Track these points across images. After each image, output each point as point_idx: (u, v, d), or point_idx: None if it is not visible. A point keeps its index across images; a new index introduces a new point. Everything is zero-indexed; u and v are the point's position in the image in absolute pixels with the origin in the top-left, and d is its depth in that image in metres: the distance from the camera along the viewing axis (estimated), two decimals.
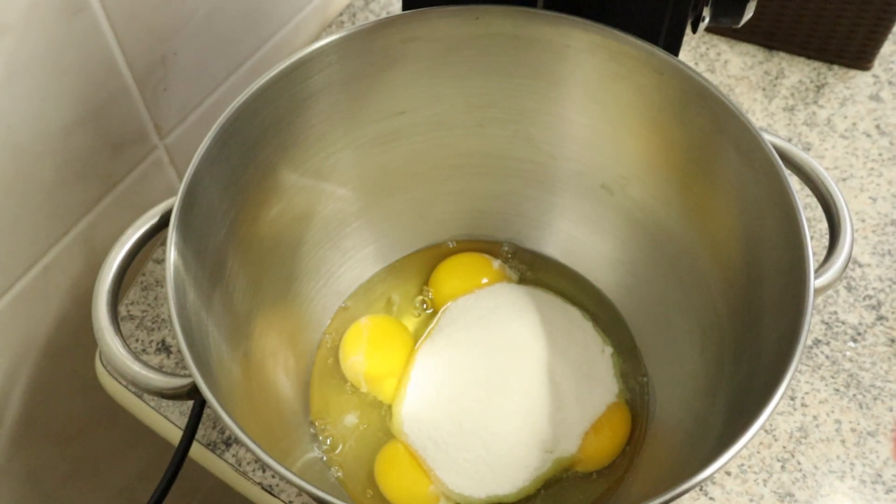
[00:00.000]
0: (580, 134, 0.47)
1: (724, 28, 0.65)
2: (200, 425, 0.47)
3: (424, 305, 0.52)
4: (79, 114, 0.46)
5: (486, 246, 0.54)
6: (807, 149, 0.60)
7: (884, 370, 0.50)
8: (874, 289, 0.54)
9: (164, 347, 0.52)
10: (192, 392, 0.36)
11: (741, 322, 0.41)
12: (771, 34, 0.64)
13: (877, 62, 0.64)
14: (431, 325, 0.50)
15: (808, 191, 0.42)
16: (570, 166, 0.49)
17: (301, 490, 0.32)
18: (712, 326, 0.44)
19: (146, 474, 0.68)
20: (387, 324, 0.50)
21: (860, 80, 0.63)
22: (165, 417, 0.50)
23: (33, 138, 0.44)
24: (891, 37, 0.64)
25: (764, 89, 0.63)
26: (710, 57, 0.65)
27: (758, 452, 0.48)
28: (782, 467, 0.48)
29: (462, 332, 0.49)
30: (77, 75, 0.45)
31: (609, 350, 0.49)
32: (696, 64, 0.65)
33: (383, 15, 0.65)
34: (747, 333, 0.40)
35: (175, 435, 0.49)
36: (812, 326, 0.52)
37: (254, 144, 0.42)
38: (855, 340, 0.52)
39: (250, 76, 0.58)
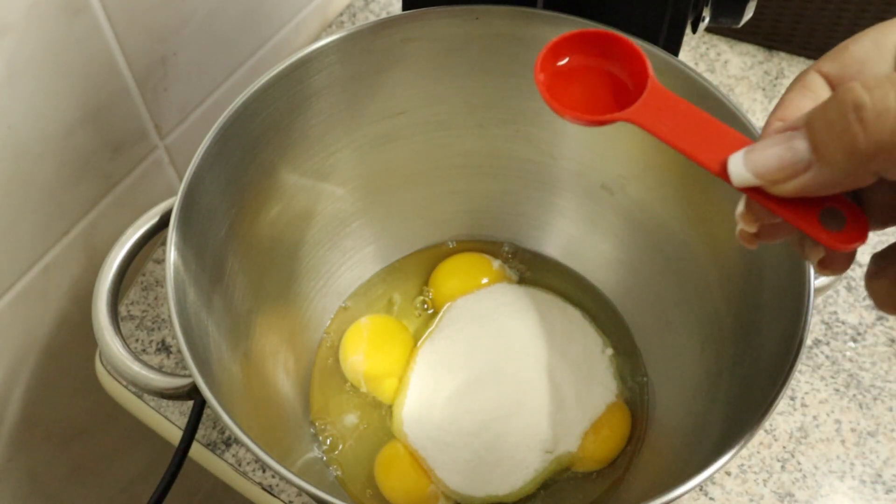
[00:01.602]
0: (580, 134, 0.47)
1: (724, 28, 0.65)
2: (200, 425, 0.47)
3: (425, 306, 0.52)
4: (79, 114, 0.46)
5: (486, 246, 0.54)
6: None
7: (884, 370, 0.50)
8: None
9: (164, 347, 0.52)
10: (192, 392, 0.36)
11: (741, 322, 0.41)
12: (771, 34, 0.64)
13: None
14: (432, 327, 0.50)
15: None
16: (570, 166, 0.49)
17: (301, 490, 0.32)
18: (712, 326, 0.44)
19: (146, 474, 0.68)
20: (387, 324, 0.50)
21: None
22: (165, 417, 0.50)
23: (34, 138, 0.44)
24: None
25: (764, 89, 0.63)
26: (710, 57, 0.65)
27: (758, 452, 0.48)
28: (782, 467, 0.48)
29: (462, 332, 0.49)
30: (77, 76, 0.45)
31: (609, 350, 0.49)
32: (696, 64, 0.65)
33: (383, 15, 0.65)
34: (747, 333, 0.40)
35: (175, 435, 0.49)
36: (812, 326, 0.52)
37: (254, 144, 0.42)
38: (855, 340, 0.52)
39: (250, 76, 0.58)
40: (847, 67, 0.24)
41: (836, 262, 0.24)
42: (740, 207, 0.25)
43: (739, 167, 0.23)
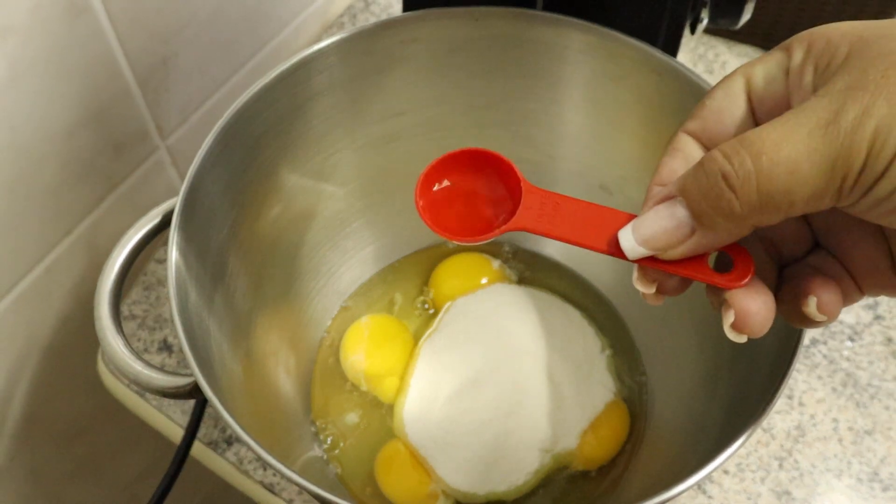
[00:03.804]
0: (579, 135, 0.48)
1: (723, 29, 0.66)
2: (202, 424, 0.48)
3: (426, 305, 0.52)
4: (81, 115, 0.46)
5: (487, 246, 0.54)
6: None
7: (881, 369, 0.51)
8: None
9: (165, 347, 0.52)
10: (194, 391, 0.36)
11: None
12: (769, 35, 0.64)
13: None
14: (433, 327, 0.50)
15: None
16: (570, 167, 0.49)
17: (301, 488, 0.32)
18: (710, 325, 0.44)
19: (148, 473, 0.68)
20: (387, 323, 0.51)
21: None
22: (167, 416, 0.50)
23: (36, 139, 0.44)
24: None
25: None
26: (708, 58, 0.65)
27: (755, 451, 0.48)
28: (780, 466, 0.48)
29: (462, 332, 0.49)
30: (79, 77, 0.45)
31: (608, 349, 0.49)
32: (695, 65, 0.65)
33: (384, 16, 0.65)
34: None
35: (177, 434, 0.49)
36: None
37: (255, 145, 0.42)
38: (852, 340, 0.52)
39: (251, 77, 0.59)
40: (707, 121, 0.26)
41: (749, 324, 0.25)
42: (635, 275, 0.26)
43: (631, 242, 0.24)
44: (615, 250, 0.25)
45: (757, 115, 0.25)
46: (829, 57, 0.23)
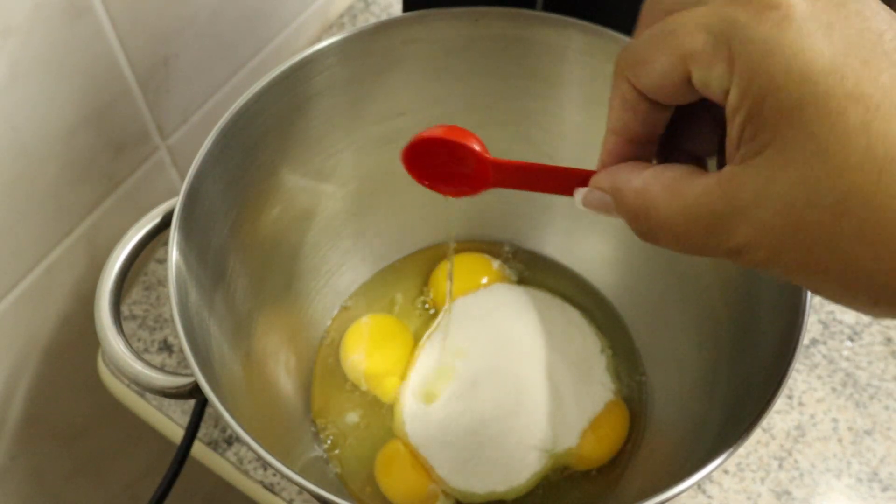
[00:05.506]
0: (579, 135, 0.48)
1: None
2: (202, 424, 0.48)
3: (426, 305, 0.52)
4: (82, 115, 0.46)
5: (487, 246, 0.54)
6: None
7: (880, 369, 0.51)
8: None
9: (166, 347, 0.52)
10: (194, 391, 0.36)
11: (739, 321, 0.41)
12: None
13: None
14: (433, 327, 0.50)
15: None
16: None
17: (302, 488, 0.32)
18: (710, 326, 0.44)
19: (149, 473, 0.68)
20: (387, 323, 0.51)
21: None
22: (167, 416, 0.50)
23: (37, 139, 0.44)
24: None
25: None
26: None
27: (755, 451, 0.48)
28: (780, 465, 0.48)
29: (462, 331, 0.49)
30: (80, 77, 0.45)
31: (607, 349, 0.49)
32: None
33: (384, 17, 0.65)
34: (745, 333, 0.41)
35: (177, 433, 0.49)
36: (809, 326, 0.52)
37: (255, 145, 0.42)
38: (852, 340, 0.52)
39: (252, 78, 0.59)
40: (641, 78, 0.28)
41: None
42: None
43: (579, 204, 0.30)
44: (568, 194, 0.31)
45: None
46: (764, 113, 0.22)
